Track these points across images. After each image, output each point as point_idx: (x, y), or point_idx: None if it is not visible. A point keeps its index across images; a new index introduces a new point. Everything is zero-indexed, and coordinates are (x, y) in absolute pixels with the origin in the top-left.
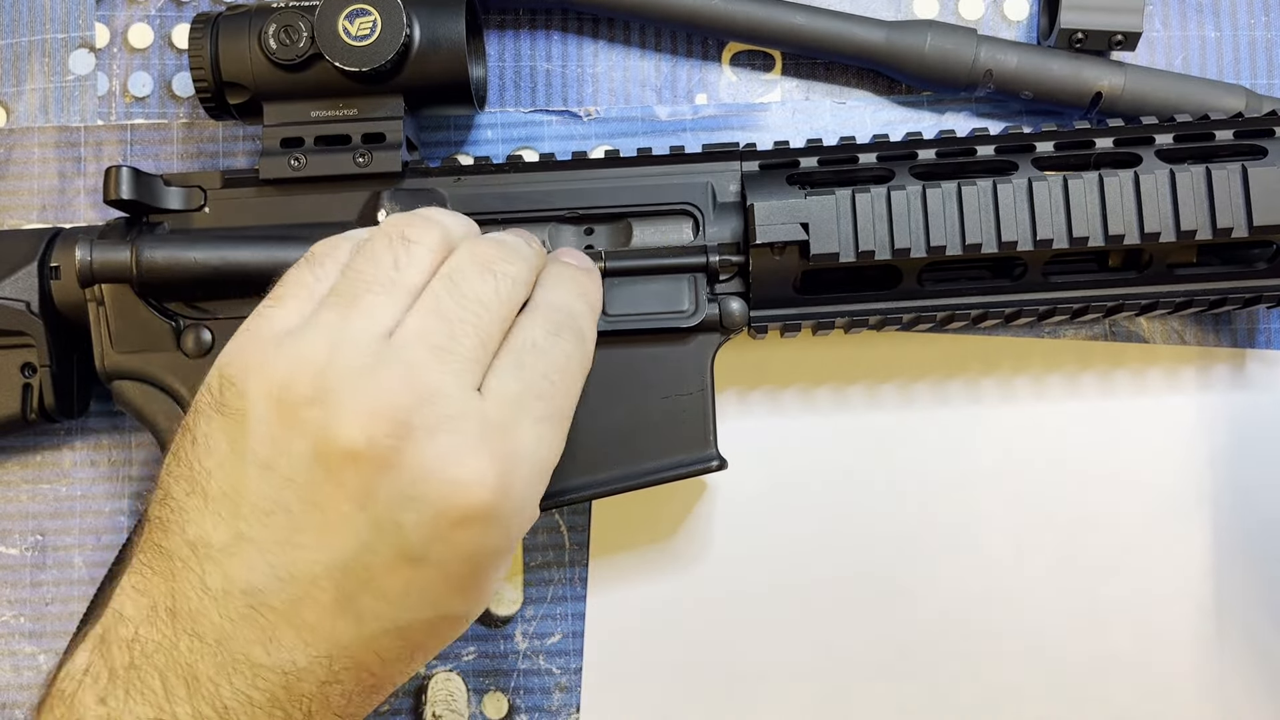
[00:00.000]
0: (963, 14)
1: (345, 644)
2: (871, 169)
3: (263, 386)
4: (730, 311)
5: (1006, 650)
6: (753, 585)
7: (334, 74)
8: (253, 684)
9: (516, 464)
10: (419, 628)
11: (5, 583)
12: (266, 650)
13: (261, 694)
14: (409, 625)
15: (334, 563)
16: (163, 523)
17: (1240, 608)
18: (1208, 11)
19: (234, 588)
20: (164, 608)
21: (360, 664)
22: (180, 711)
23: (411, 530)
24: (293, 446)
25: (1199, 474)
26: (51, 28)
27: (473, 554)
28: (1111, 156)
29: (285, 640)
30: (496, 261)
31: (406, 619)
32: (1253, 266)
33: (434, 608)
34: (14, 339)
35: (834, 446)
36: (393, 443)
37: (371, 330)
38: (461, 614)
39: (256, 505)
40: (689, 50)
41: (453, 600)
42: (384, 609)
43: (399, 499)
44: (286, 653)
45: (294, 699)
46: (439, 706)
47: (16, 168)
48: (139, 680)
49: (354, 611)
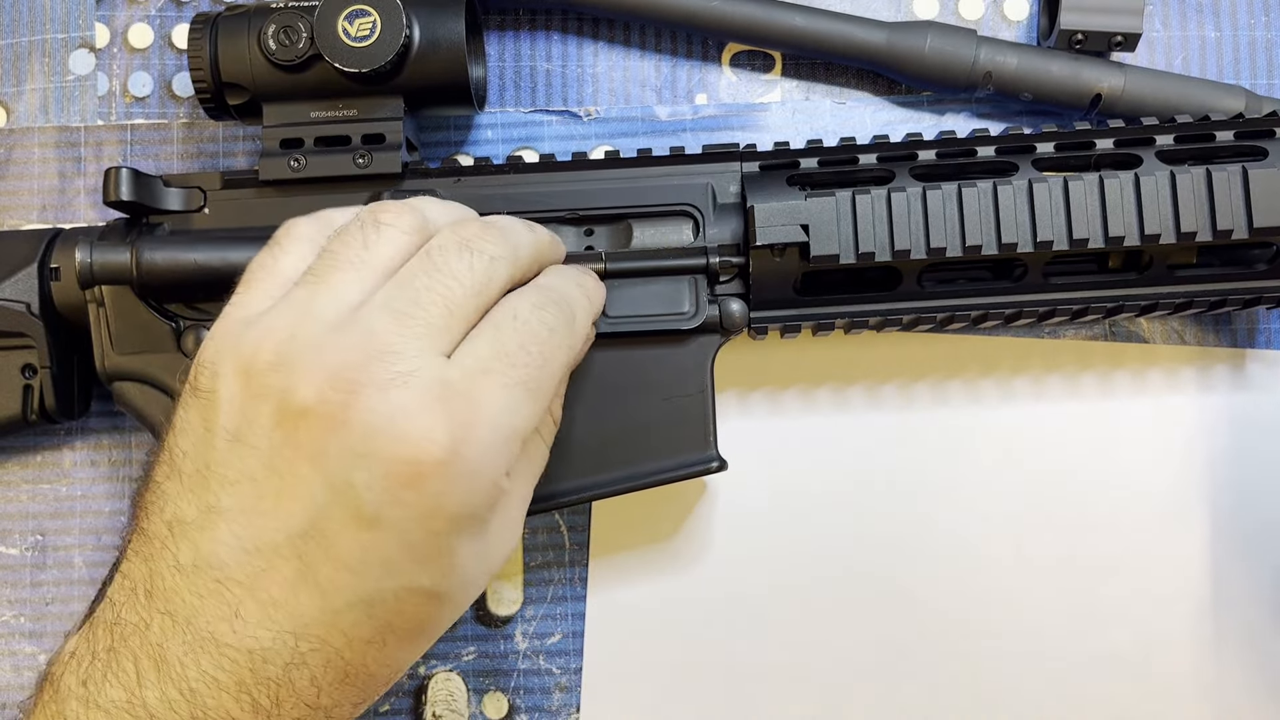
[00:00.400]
0: (963, 14)
1: (309, 619)
2: (872, 170)
3: (232, 363)
4: (730, 313)
5: (1006, 650)
6: (753, 585)
7: (334, 75)
8: (219, 665)
9: (475, 425)
10: (384, 602)
11: (5, 583)
12: (232, 627)
13: (228, 675)
14: (373, 599)
15: (294, 530)
16: (146, 507)
17: (1240, 608)
18: (1208, 12)
19: (202, 562)
20: (143, 589)
21: (327, 644)
22: (149, 696)
23: (364, 489)
24: (257, 414)
25: (1199, 474)
26: (51, 28)
27: (428, 516)
28: (1112, 158)
29: (250, 615)
30: (476, 239)
31: (369, 590)
32: (1253, 268)
33: (395, 577)
34: (14, 340)
35: (834, 447)
36: (342, 398)
37: (337, 304)
38: (428, 589)
39: (224, 477)
40: (689, 50)
41: (414, 570)
42: (345, 578)
43: (350, 456)
44: (251, 629)
45: (260, 682)
46: (439, 706)
47: (16, 168)
48: (115, 663)
49: (315, 582)
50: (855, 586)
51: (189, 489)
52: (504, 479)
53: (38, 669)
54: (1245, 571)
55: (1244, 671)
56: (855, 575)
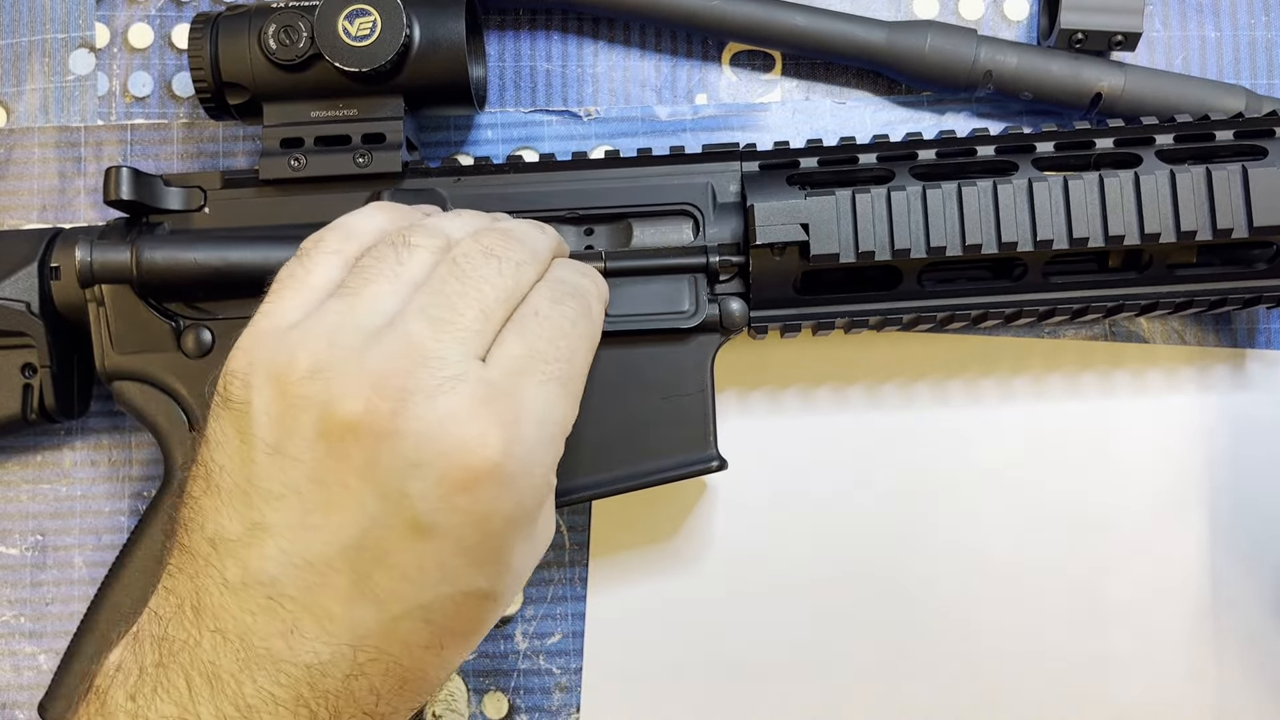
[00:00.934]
0: (963, 14)
1: (367, 631)
2: (871, 169)
3: (265, 373)
4: (730, 312)
5: (1006, 649)
6: (752, 585)
7: (334, 74)
8: (276, 680)
9: (521, 424)
10: (441, 608)
11: (5, 583)
12: (288, 643)
13: (285, 691)
14: (430, 605)
15: (346, 542)
16: (185, 524)
17: (1239, 607)
18: (1208, 11)
19: (252, 579)
20: (189, 605)
21: (385, 653)
22: (204, 711)
23: (418, 498)
24: (297, 426)
25: (1198, 474)
26: (52, 28)
27: (484, 519)
28: (1112, 157)
29: (306, 631)
30: (499, 247)
31: (427, 598)
32: (1253, 267)
33: (453, 583)
34: (14, 339)
35: (834, 446)
36: (391, 407)
37: (374, 315)
38: (484, 590)
39: (268, 491)
40: (689, 50)
41: (471, 574)
42: (402, 588)
43: (403, 466)
44: (308, 644)
45: (319, 696)
46: (439, 706)
47: (17, 168)
48: (165, 679)
49: (371, 593)
50: (855, 586)
51: (229, 504)
52: (552, 476)
53: (37, 669)
54: (1245, 571)
55: (1244, 671)
56: (855, 574)
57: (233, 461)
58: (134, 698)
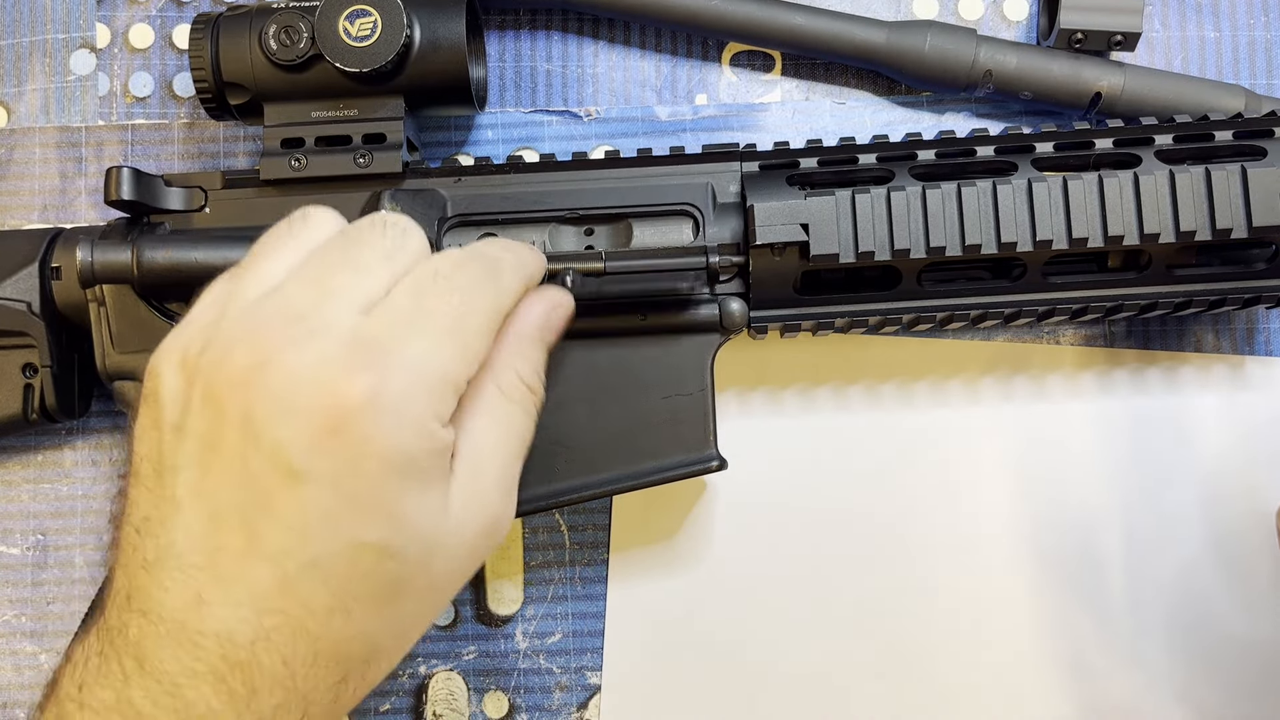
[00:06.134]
0: (962, 14)
1: (266, 590)
2: (871, 170)
3: (170, 361)
4: (730, 312)
5: (1007, 648)
6: (751, 585)
7: (334, 74)
8: (192, 654)
9: (392, 369)
10: (334, 562)
11: (6, 582)
12: (198, 613)
13: (201, 664)
14: (321, 558)
15: (235, 500)
16: (117, 518)
17: (1240, 606)
18: (1207, 11)
19: (164, 554)
20: (123, 593)
21: (288, 615)
22: (134, 694)
23: (290, 444)
24: (192, 398)
25: (1198, 474)
26: (52, 28)
27: (356, 461)
28: (1111, 157)
29: (211, 597)
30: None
31: (316, 549)
32: (1252, 267)
33: (338, 532)
34: (15, 339)
35: (834, 446)
36: (262, 359)
37: (261, 284)
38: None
39: (175, 466)
40: (689, 50)
41: (356, 522)
42: (291, 540)
43: (272, 413)
44: (214, 611)
45: (232, 667)
46: (439, 706)
47: (17, 168)
48: (105, 665)
49: (264, 550)
50: (855, 585)
51: (148, 489)
52: (435, 426)
53: (38, 668)
54: (1244, 570)
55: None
56: (855, 574)
57: (148, 448)
58: (81, 687)
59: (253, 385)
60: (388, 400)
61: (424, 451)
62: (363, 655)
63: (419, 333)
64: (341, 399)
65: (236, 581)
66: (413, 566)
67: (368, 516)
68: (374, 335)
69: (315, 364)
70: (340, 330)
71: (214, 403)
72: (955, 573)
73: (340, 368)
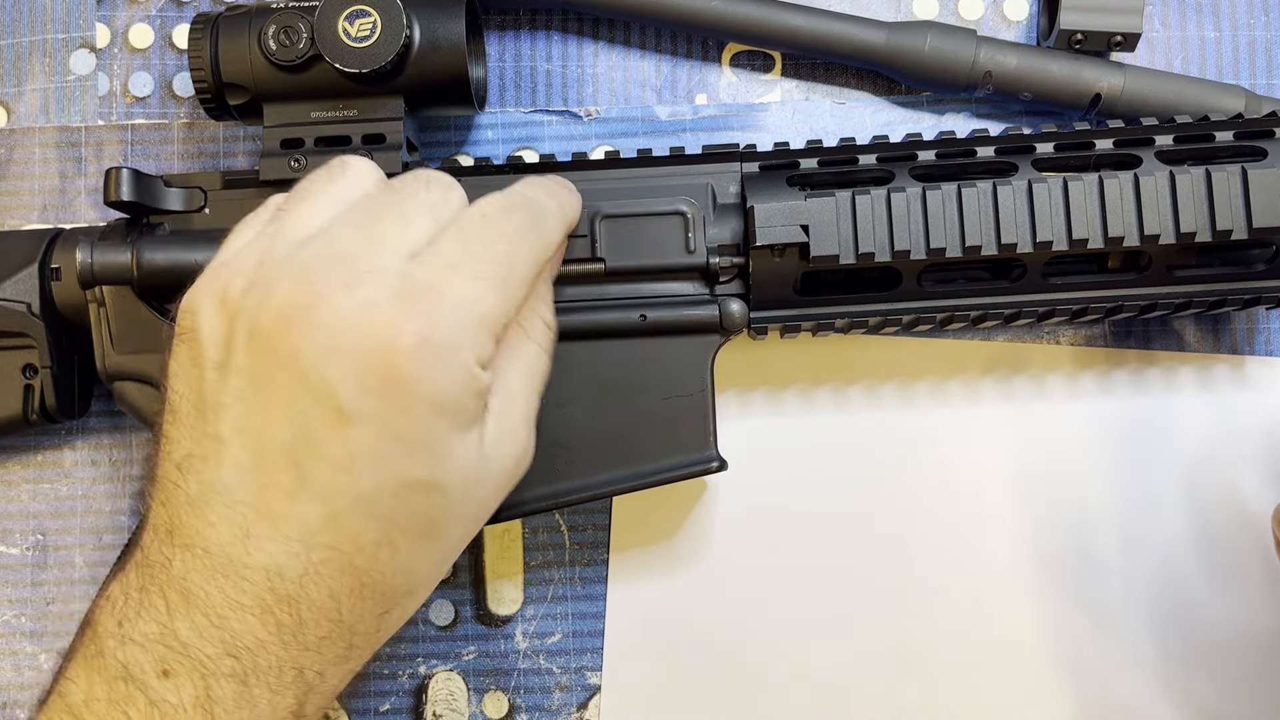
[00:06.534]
0: (962, 14)
1: (315, 527)
2: (871, 170)
3: (209, 299)
4: (730, 312)
5: (1007, 648)
6: (751, 585)
7: (334, 75)
8: (239, 588)
9: (441, 313)
10: (383, 500)
11: (6, 582)
12: (245, 548)
13: (248, 597)
14: (372, 497)
15: (284, 438)
16: (156, 457)
17: (1240, 606)
18: (1207, 12)
19: (209, 490)
20: (164, 529)
21: (336, 550)
22: (179, 626)
23: (339, 385)
24: (235, 336)
25: (1198, 474)
26: (52, 28)
27: (405, 404)
28: (1111, 158)
29: (259, 532)
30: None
31: (365, 488)
32: (1252, 268)
33: (388, 471)
34: (15, 340)
35: (834, 447)
36: (309, 300)
37: (305, 226)
38: (425, 480)
39: (218, 404)
40: (689, 50)
41: (405, 461)
42: (340, 479)
43: (321, 353)
44: (263, 545)
45: (279, 600)
46: (439, 706)
47: (17, 168)
48: (147, 600)
49: (313, 488)
50: (855, 586)
51: (190, 427)
52: (478, 369)
53: (39, 669)
54: (1244, 570)
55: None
56: (855, 574)
57: (188, 386)
58: (121, 622)
59: (302, 324)
60: (435, 345)
61: (467, 393)
62: (406, 587)
63: (466, 277)
64: (391, 342)
65: (285, 518)
66: (454, 501)
67: (415, 456)
68: (423, 279)
69: (365, 306)
70: (390, 274)
71: (260, 341)
72: (955, 573)
73: (390, 311)
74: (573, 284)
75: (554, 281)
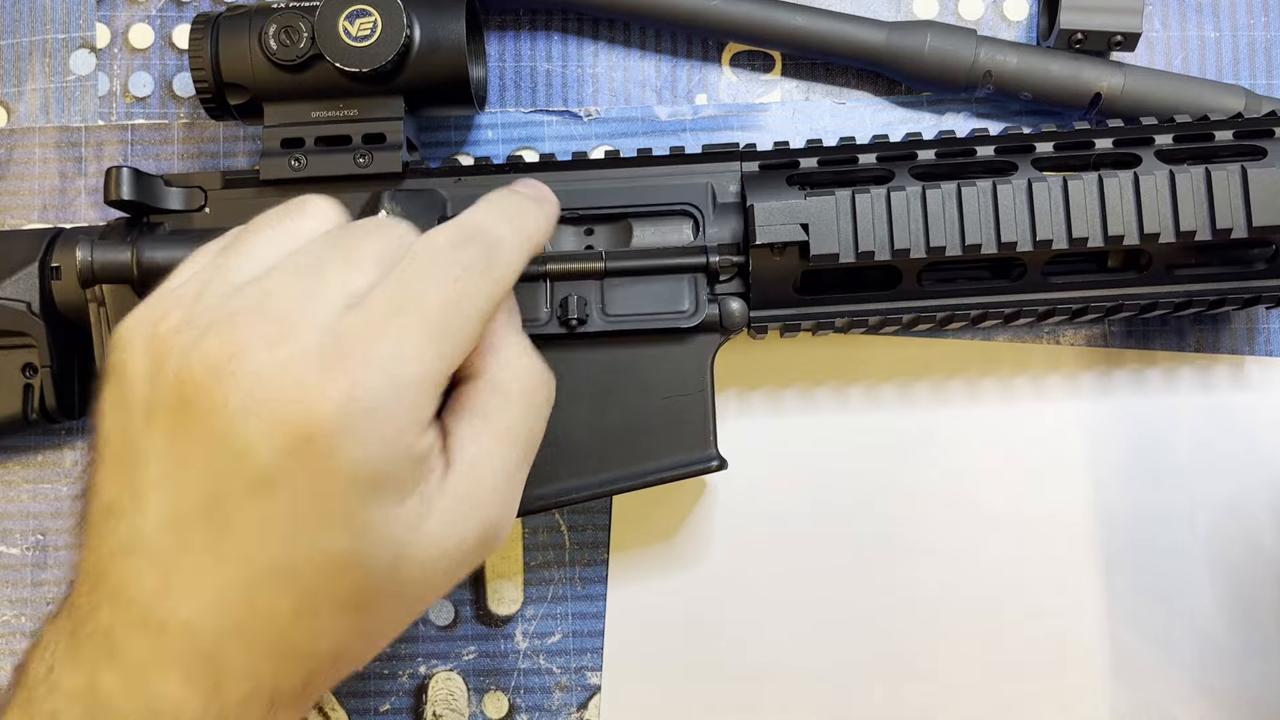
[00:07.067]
0: (962, 14)
1: (229, 588)
2: (871, 169)
3: (140, 333)
4: (730, 312)
5: (1007, 648)
6: (751, 585)
7: (334, 74)
8: (158, 644)
9: (366, 376)
10: (300, 568)
11: (6, 582)
12: (165, 602)
13: (169, 653)
14: (286, 564)
15: (201, 496)
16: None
17: (1239, 607)
18: (1207, 11)
19: (134, 542)
20: (92, 575)
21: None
22: (104, 678)
23: (257, 444)
24: (161, 380)
25: (1198, 473)
26: (52, 28)
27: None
28: (1111, 157)
29: (176, 589)
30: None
31: (280, 555)
32: (1252, 267)
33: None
34: (15, 339)
35: (834, 446)
36: (234, 350)
37: (250, 266)
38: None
39: (142, 451)
40: (689, 50)
41: (323, 533)
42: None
43: (241, 411)
44: (178, 602)
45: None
46: (439, 706)
47: (17, 168)
48: (75, 646)
49: (227, 552)
50: (855, 586)
51: (115, 472)
52: (413, 433)
53: None
54: (1243, 570)
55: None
56: (855, 574)
57: (114, 429)
58: (51, 668)
59: (226, 377)
60: (359, 408)
61: (396, 462)
62: (330, 654)
63: (399, 330)
64: (311, 405)
65: (202, 577)
66: (379, 577)
67: (333, 527)
68: (354, 332)
69: (286, 365)
70: (319, 329)
71: (184, 389)
72: (955, 573)
73: (312, 370)
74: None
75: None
